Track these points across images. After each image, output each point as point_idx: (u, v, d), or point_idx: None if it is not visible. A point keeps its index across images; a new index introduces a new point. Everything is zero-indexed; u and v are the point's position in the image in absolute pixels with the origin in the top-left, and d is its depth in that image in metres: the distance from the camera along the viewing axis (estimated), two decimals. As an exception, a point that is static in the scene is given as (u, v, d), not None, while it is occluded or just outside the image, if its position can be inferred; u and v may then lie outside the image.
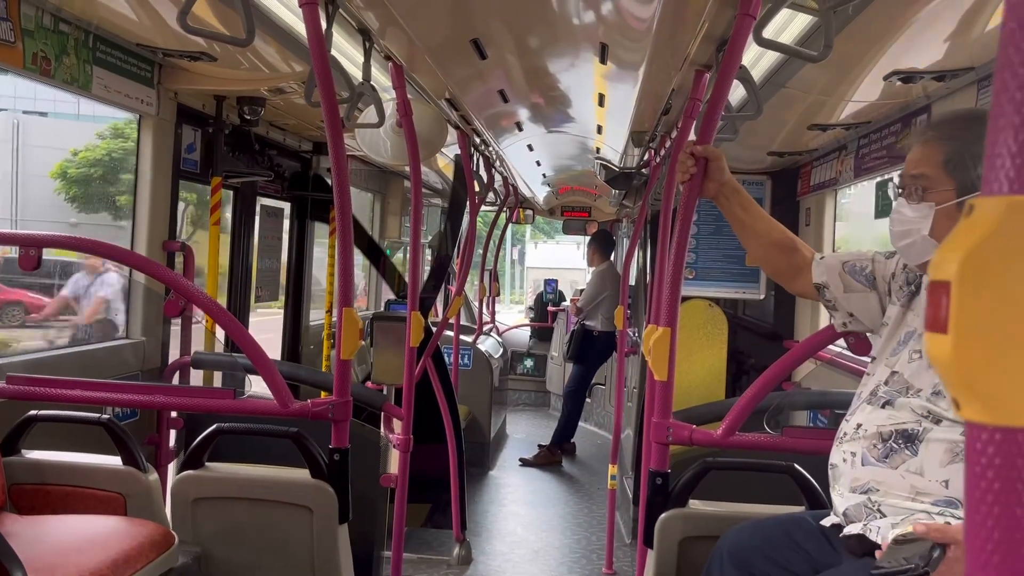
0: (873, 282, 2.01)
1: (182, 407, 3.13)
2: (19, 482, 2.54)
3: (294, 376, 3.81)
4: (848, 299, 2.03)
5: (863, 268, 2.02)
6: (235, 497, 2.71)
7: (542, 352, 9.77)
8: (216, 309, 2.67)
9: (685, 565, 2.36)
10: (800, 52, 2.14)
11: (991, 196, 0.51)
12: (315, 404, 2.53)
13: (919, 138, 1.80)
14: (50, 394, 2.58)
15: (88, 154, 17.03)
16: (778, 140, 4.01)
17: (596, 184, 7.57)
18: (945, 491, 1.67)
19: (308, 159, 5.19)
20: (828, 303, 2.09)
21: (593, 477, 6.79)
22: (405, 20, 2.58)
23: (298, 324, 5.35)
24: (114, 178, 16.81)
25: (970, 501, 0.52)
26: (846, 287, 2.03)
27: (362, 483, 3.08)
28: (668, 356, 2.31)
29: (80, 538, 2.24)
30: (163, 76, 3.43)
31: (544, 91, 3.85)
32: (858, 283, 2.02)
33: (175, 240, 3.65)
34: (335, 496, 2.62)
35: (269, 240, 5.02)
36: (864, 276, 2.02)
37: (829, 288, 2.06)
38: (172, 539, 2.43)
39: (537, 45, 3.05)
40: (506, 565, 4.74)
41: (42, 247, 2.46)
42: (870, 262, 2.02)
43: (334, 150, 2.39)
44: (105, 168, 16.90)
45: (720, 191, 2.15)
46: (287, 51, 3.11)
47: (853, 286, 2.03)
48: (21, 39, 2.59)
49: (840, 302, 2.05)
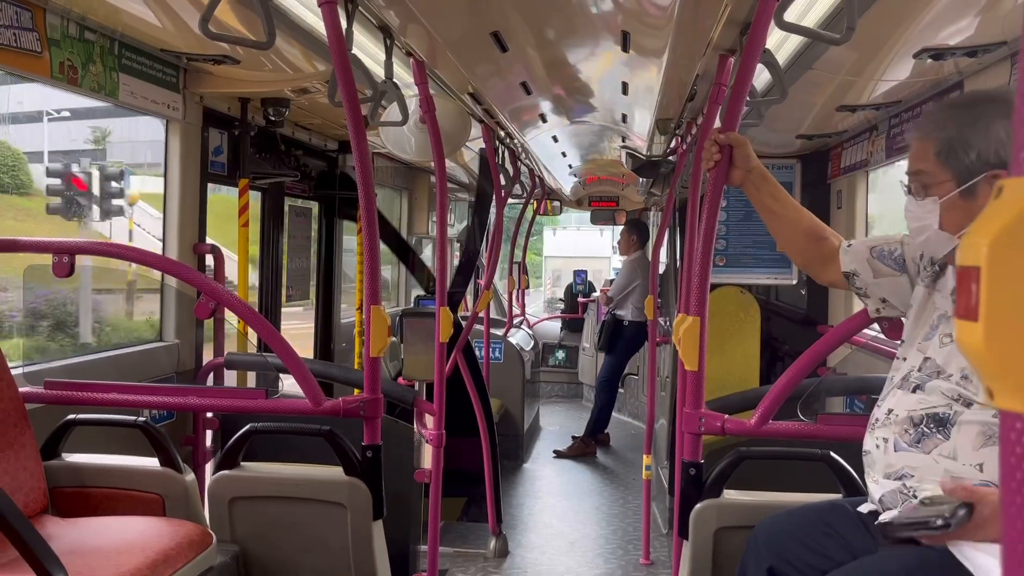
0: (903, 265, 1.98)
1: (216, 408, 3.17)
2: (60, 485, 2.59)
3: (326, 374, 3.84)
4: (879, 285, 2.00)
5: (892, 251, 1.99)
6: (271, 496, 2.73)
7: (573, 344, 9.74)
8: (246, 310, 2.70)
9: (721, 555, 2.34)
10: (822, 35, 2.11)
11: (1021, 177, 0.49)
12: (346, 402, 2.54)
13: (913, 135, 1.79)
14: (88, 398, 2.62)
15: None
16: (806, 123, 3.95)
17: (623, 173, 7.52)
18: (980, 475, 1.65)
19: (334, 158, 5.21)
20: (859, 291, 2.06)
21: (628, 468, 6.77)
22: (425, 16, 2.58)
23: (329, 322, 5.38)
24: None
25: (1006, 491, 0.50)
26: (875, 272, 2.00)
27: (396, 479, 3.09)
28: (698, 345, 2.29)
29: (120, 539, 2.28)
30: (188, 80, 3.46)
31: (566, 82, 3.83)
32: (887, 267, 1.99)
33: (205, 243, 3.69)
34: (369, 493, 2.63)
35: (298, 240, 5.05)
36: (893, 259, 1.98)
37: (859, 275, 2.03)
38: (210, 538, 2.46)
39: (557, 36, 3.03)
40: (542, 557, 4.74)
41: (75, 254, 2.50)
42: (899, 244, 1.99)
43: (358, 149, 2.40)
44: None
45: (747, 178, 2.12)
46: (309, 51, 3.12)
47: (882, 271, 1.99)
48: (48, 49, 2.63)
49: (871, 288, 2.02)
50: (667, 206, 5.26)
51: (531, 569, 4.57)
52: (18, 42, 2.50)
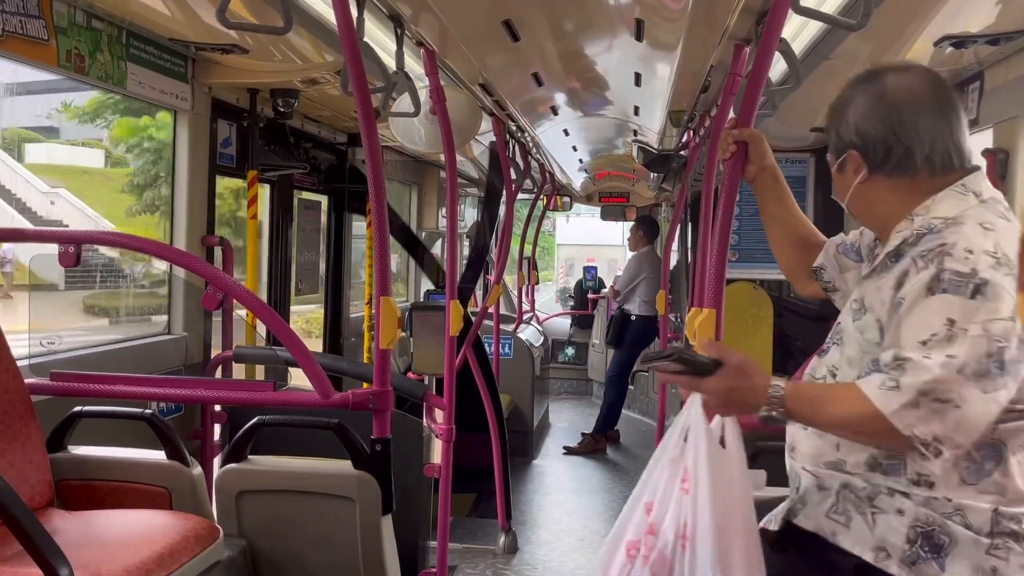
0: (860, 253, 1.94)
1: (224, 400, 3.14)
2: (65, 478, 2.56)
3: (335, 368, 3.81)
4: (844, 279, 1.97)
5: (853, 243, 1.96)
6: (279, 490, 2.71)
7: (583, 340, 9.71)
8: (255, 303, 2.67)
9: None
10: (839, 21, 2.07)
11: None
12: (356, 395, 2.51)
13: None
14: (94, 390, 2.59)
15: None
16: (821, 115, 3.89)
17: (634, 168, 7.47)
18: (836, 453, 1.67)
19: (344, 151, 5.18)
20: (826, 285, 2.02)
21: (638, 464, 6.72)
22: (436, 4, 2.54)
23: (339, 316, 5.36)
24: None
25: None
26: (841, 267, 1.98)
27: (406, 474, 3.06)
28: (714, 338, 2.24)
29: (126, 533, 2.25)
30: (196, 70, 3.43)
31: (579, 73, 3.79)
32: (850, 260, 1.96)
33: (213, 235, 3.67)
34: (378, 487, 2.60)
35: (308, 233, 5.03)
36: (855, 251, 1.95)
37: (825, 270, 2.00)
38: (217, 532, 2.43)
39: (571, 25, 2.99)
40: (552, 553, 4.71)
41: (81, 244, 2.47)
42: (859, 235, 1.95)
43: (368, 140, 2.37)
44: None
45: (760, 175, 2.07)
46: (319, 41, 3.09)
47: (847, 265, 1.97)
48: (55, 37, 2.60)
49: (837, 282, 1.99)
50: (679, 200, 5.22)
51: (540, 565, 4.53)
52: (24, 29, 2.47)
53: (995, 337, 1.43)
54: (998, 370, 1.43)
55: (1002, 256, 1.49)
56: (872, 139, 1.68)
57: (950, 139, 1.64)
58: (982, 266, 1.47)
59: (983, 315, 1.44)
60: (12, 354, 2.42)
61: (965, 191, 1.62)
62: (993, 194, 1.64)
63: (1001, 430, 1.52)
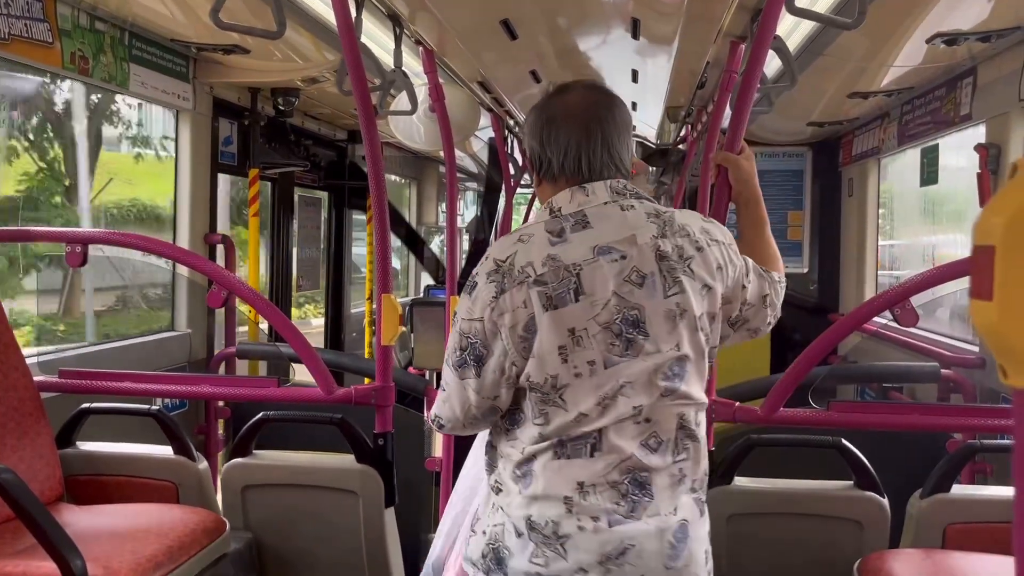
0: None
1: (228, 397, 3.18)
2: (74, 473, 2.60)
3: (337, 364, 3.84)
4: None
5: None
6: (283, 484, 2.74)
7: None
8: (258, 299, 2.70)
9: (732, 541, 2.35)
10: (833, 20, 2.09)
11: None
12: (358, 390, 2.55)
13: None
14: (101, 387, 2.64)
15: None
16: (817, 110, 3.94)
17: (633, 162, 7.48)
18: None
19: (344, 148, 5.21)
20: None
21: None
22: (434, 3, 2.57)
23: (340, 312, 5.39)
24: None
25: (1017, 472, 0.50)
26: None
27: (408, 468, 3.10)
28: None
29: (135, 526, 2.29)
30: (198, 70, 3.46)
31: (577, 69, 3.81)
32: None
33: (215, 233, 3.70)
34: (381, 480, 2.64)
35: (308, 230, 5.06)
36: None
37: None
38: (224, 526, 2.47)
39: (568, 23, 3.02)
40: (553, 545, 4.74)
41: (87, 244, 2.51)
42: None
43: (368, 138, 2.40)
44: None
45: (737, 198, 2.01)
46: (319, 40, 3.12)
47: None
48: (59, 39, 2.63)
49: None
50: (677, 194, 5.25)
51: (542, 557, 4.57)
52: (29, 32, 2.51)
53: None
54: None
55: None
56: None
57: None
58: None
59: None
60: (21, 353, 2.45)
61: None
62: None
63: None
